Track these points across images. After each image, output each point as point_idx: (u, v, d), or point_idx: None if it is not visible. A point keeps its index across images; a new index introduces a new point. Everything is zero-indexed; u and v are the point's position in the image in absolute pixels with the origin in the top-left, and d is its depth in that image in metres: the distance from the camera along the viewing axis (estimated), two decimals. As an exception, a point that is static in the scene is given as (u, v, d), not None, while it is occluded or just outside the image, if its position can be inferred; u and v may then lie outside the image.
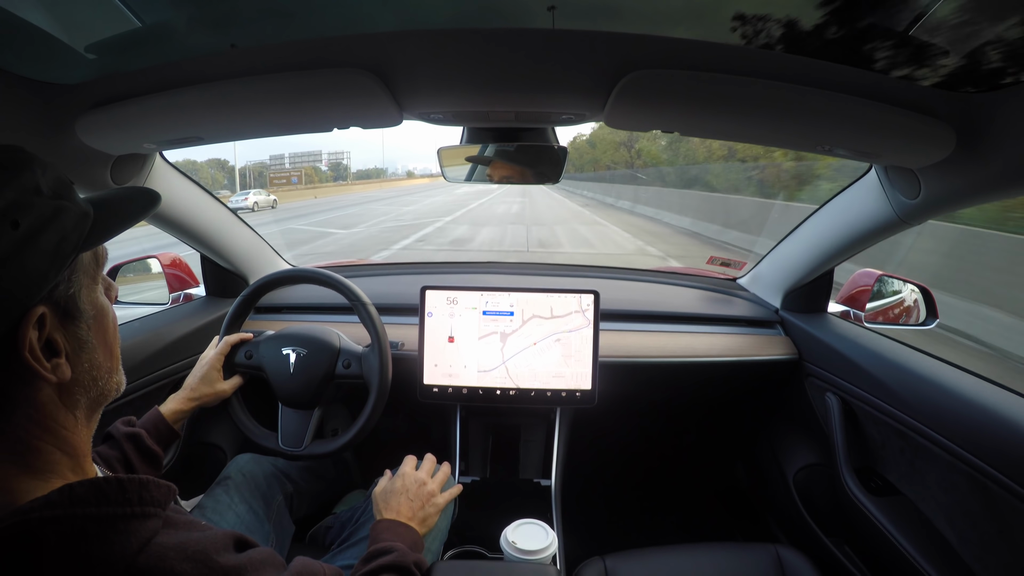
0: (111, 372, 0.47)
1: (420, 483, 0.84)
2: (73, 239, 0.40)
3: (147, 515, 0.40)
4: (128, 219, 0.47)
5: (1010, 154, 0.64)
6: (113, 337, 0.47)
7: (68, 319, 0.41)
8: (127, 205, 0.48)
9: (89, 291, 0.44)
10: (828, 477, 1.13)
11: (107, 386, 0.46)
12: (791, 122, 0.72)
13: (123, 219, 0.46)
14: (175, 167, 1.05)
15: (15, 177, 0.38)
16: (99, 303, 0.45)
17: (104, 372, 0.45)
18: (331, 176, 65.29)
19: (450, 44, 0.62)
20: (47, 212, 0.39)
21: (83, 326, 0.43)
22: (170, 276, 1.34)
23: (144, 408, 1.07)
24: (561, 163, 0.95)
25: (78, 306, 0.42)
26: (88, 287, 0.44)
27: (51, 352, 0.40)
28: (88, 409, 0.45)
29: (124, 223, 0.46)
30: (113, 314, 0.48)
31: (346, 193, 33.16)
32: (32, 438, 0.40)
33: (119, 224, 0.46)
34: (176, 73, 0.68)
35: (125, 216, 0.47)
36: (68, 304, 0.41)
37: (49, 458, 0.41)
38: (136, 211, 0.48)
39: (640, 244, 9.31)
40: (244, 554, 0.45)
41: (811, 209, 1.17)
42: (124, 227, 0.46)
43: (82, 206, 0.42)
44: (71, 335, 0.42)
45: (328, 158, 65.17)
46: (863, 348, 1.07)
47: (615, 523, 1.57)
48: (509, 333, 1.12)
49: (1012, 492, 0.72)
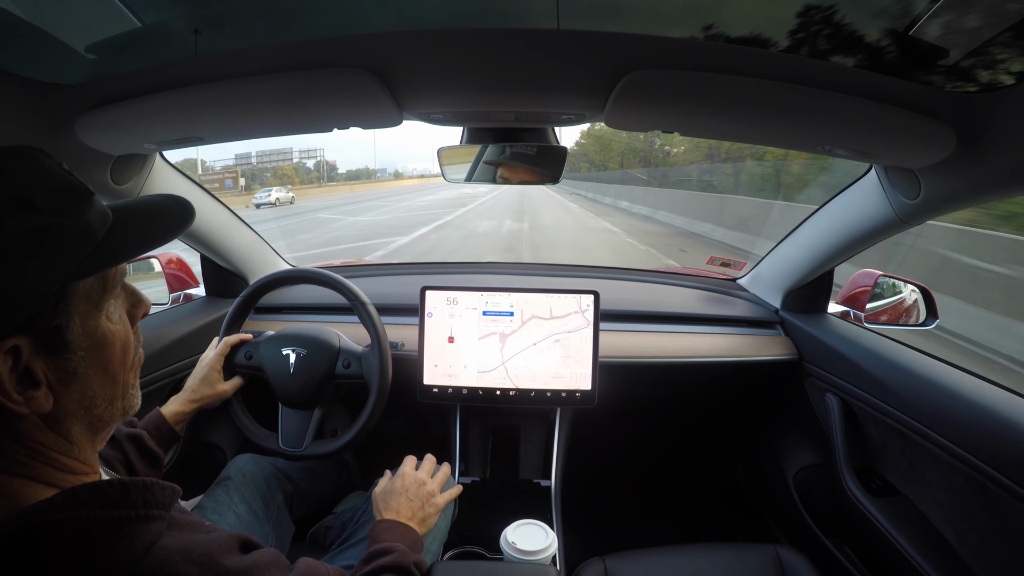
0: (112, 400, 0.43)
1: (420, 483, 0.84)
2: (64, 265, 0.36)
3: (151, 518, 0.40)
4: (150, 241, 0.42)
5: (1010, 154, 0.64)
6: (119, 365, 0.42)
7: (53, 350, 0.37)
8: (155, 221, 0.43)
9: (87, 319, 0.39)
10: (828, 477, 1.13)
11: (107, 413, 0.42)
12: (791, 122, 0.72)
13: (143, 241, 0.41)
14: (175, 167, 1.05)
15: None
16: (100, 332, 0.40)
17: (101, 401, 0.41)
18: (316, 177, 63.82)
19: (450, 44, 0.62)
20: (29, 233, 0.34)
21: (72, 358, 0.38)
22: (170, 276, 1.34)
23: (144, 407, 1.06)
24: (561, 163, 0.94)
25: (64, 337, 0.37)
26: (87, 314, 0.39)
27: (30, 382, 0.36)
28: (87, 432, 0.42)
29: (145, 245, 0.41)
30: (125, 340, 0.43)
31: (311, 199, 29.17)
32: (21, 456, 0.38)
33: (140, 245, 0.40)
34: (176, 73, 0.68)
35: (147, 237, 0.41)
36: (52, 336, 0.37)
37: (44, 472, 0.40)
38: (163, 231, 0.42)
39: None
40: (249, 556, 0.45)
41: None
42: (143, 250, 0.42)
43: (88, 224, 0.37)
44: (55, 366, 0.38)
45: (300, 155, 63.15)
46: (863, 348, 1.07)
47: (615, 523, 1.57)
48: (508, 334, 1.12)
49: (1012, 492, 0.72)
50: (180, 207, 0.45)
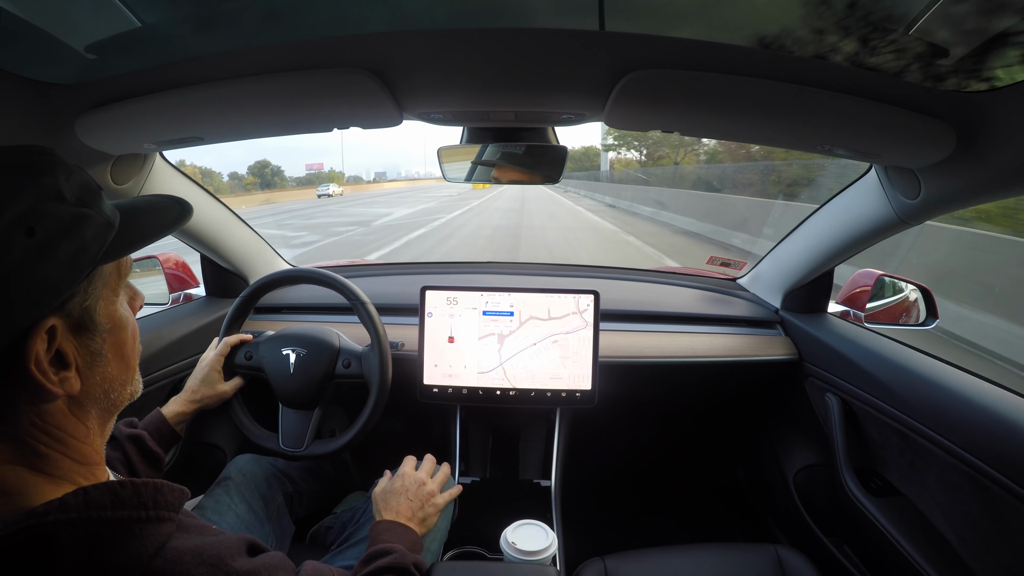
0: (125, 384, 0.45)
1: (420, 483, 0.84)
2: (93, 250, 0.39)
3: (162, 519, 0.40)
4: (157, 231, 0.45)
5: (1010, 154, 0.64)
6: (131, 350, 0.46)
7: (82, 331, 0.40)
8: (157, 216, 0.46)
9: (108, 303, 0.42)
10: (828, 477, 1.13)
11: (120, 397, 0.45)
12: (791, 122, 0.72)
13: (151, 231, 0.45)
14: (175, 167, 1.05)
15: (35, 182, 0.36)
16: (117, 316, 0.44)
17: (117, 385, 0.44)
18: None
19: (450, 44, 0.62)
20: (66, 220, 0.37)
21: (97, 339, 0.41)
22: (170, 276, 1.34)
23: (144, 407, 1.07)
24: (562, 162, 0.95)
25: (93, 319, 0.41)
26: (107, 299, 0.42)
27: (61, 364, 0.39)
28: (100, 419, 0.44)
29: (151, 235, 0.45)
30: (133, 326, 0.46)
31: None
32: (41, 444, 0.39)
33: (145, 236, 0.44)
34: (176, 73, 0.68)
35: (154, 228, 0.45)
36: (83, 316, 0.40)
37: (60, 464, 0.40)
38: (166, 223, 0.46)
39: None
40: (257, 558, 0.46)
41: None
42: (151, 240, 0.45)
43: (107, 215, 0.41)
44: (83, 348, 0.40)
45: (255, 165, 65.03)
46: (863, 348, 1.07)
47: (615, 523, 1.57)
48: (506, 335, 1.12)
49: (1012, 493, 0.72)
50: (178, 204, 0.49)
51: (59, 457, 0.40)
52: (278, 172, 71.17)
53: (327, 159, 60.29)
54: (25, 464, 0.39)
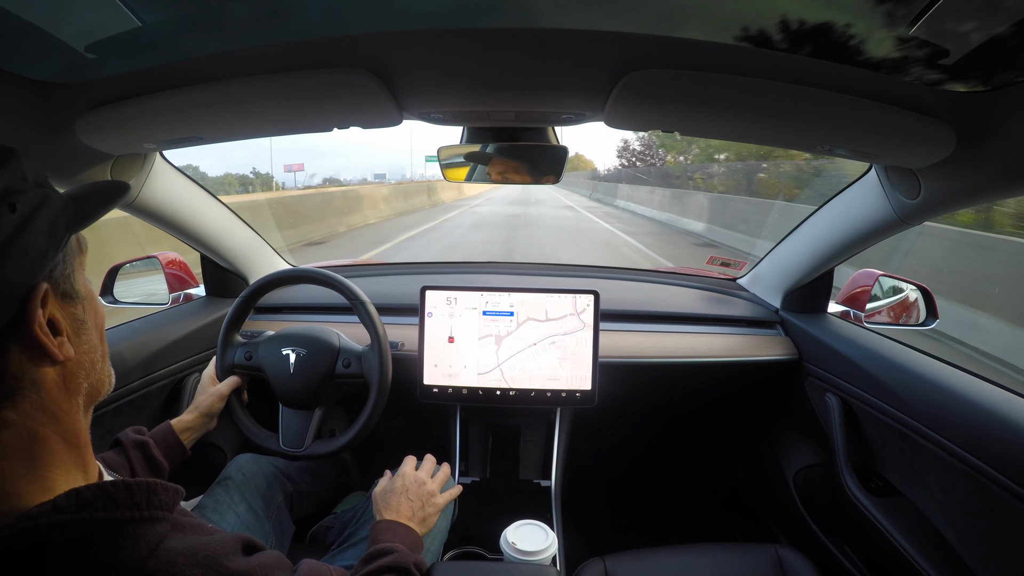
0: (104, 356, 0.48)
1: (420, 483, 0.84)
2: (63, 221, 0.42)
3: (155, 519, 0.40)
4: (104, 204, 0.49)
5: (1010, 154, 0.64)
6: (103, 321, 0.48)
7: (66, 299, 0.43)
8: (100, 194, 0.50)
9: (80, 275, 0.45)
10: (828, 477, 1.13)
11: (103, 372, 0.47)
12: (791, 122, 0.72)
13: (99, 204, 0.48)
14: (175, 167, 1.05)
15: (4, 166, 0.39)
16: (88, 287, 0.47)
17: (100, 356, 0.47)
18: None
19: (450, 44, 0.62)
20: (37, 197, 0.40)
21: (79, 307, 0.44)
22: (170, 276, 1.34)
23: (144, 407, 1.07)
24: (562, 162, 0.95)
25: (74, 287, 0.43)
26: (78, 271, 0.45)
27: (54, 331, 0.40)
28: (87, 397, 0.45)
29: (101, 208, 0.48)
30: (96, 297, 0.49)
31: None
32: (39, 426, 0.40)
33: (97, 209, 0.47)
34: (176, 73, 0.68)
35: (101, 202, 0.48)
36: (65, 285, 0.43)
37: (54, 447, 0.40)
38: (111, 197, 0.50)
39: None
40: (253, 557, 0.45)
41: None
42: (102, 212, 0.48)
43: (62, 194, 0.44)
44: (69, 315, 0.43)
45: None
46: (863, 348, 1.07)
47: (615, 524, 1.57)
48: (504, 336, 1.12)
49: (1012, 493, 0.72)
50: (112, 186, 0.52)
51: (54, 439, 0.40)
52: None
53: (323, 161, 59.86)
54: (20, 455, 0.39)
